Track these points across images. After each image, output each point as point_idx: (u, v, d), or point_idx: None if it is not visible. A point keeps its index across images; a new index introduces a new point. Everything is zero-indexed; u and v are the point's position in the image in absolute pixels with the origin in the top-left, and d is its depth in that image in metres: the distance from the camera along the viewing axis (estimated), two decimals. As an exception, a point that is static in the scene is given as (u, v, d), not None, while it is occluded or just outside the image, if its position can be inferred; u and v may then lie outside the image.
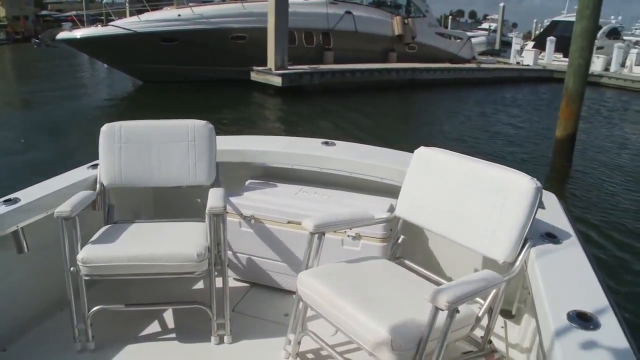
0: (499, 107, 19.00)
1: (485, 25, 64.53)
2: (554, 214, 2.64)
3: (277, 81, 18.08)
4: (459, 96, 21.36)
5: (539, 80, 26.64)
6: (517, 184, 2.22)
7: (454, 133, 14.11)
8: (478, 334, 2.30)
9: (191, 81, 18.80)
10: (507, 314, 2.97)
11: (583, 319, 1.75)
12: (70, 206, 2.49)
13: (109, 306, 2.70)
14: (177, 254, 2.54)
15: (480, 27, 67.80)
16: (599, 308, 1.83)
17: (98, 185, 3.01)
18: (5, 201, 2.65)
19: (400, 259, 2.76)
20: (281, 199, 3.15)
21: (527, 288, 2.34)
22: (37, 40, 39.85)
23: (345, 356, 2.40)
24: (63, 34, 19.47)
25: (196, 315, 2.74)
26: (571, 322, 1.73)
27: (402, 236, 2.77)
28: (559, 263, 2.17)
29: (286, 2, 18.37)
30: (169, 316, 2.94)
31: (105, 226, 2.89)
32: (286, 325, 2.59)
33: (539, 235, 2.34)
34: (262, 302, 3.12)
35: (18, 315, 2.72)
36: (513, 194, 2.22)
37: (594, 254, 2.34)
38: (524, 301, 2.83)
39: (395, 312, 2.08)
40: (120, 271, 2.54)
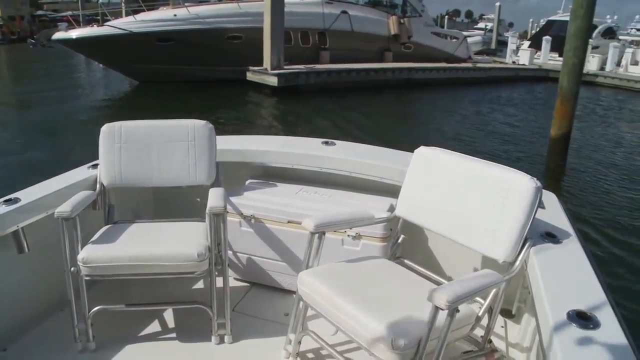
0: (494, 107, 19.06)
1: (482, 25, 64.63)
2: (554, 214, 2.65)
3: (273, 81, 18.08)
4: (455, 96, 21.41)
5: (535, 79, 26.74)
6: (518, 183, 2.22)
7: (450, 132, 14.15)
8: (478, 334, 2.30)
9: (187, 81, 18.77)
10: (507, 314, 2.97)
11: (583, 319, 1.75)
12: (70, 206, 2.48)
13: (109, 306, 2.70)
14: (177, 253, 2.54)
15: (476, 26, 67.96)
16: (598, 307, 1.83)
17: (98, 185, 3.00)
18: (6, 201, 2.65)
19: (401, 258, 2.76)
20: (281, 198, 3.15)
21: (527, 287, 2.35)
22: (32, 41, 39.77)
23: (345, 356, 2.41)
24: (59, 34, 19.42)
25: (197, 315, 2.74)
26: (571, 322, 1.74)
27: (402, 236, 2.77)
28: (559, 263, 2.17)
29: (282, 2, 18.38)
30: (169, 316, 2.94)
31: (106, 226, 2.89)
32: (286, 324, 2.59)
33: (539, 234, 2.35)
34: (263, 302, 3.12)
35: (18, 315, 2.72)
36: (513, 193, 2.22)
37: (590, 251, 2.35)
38: (524, 301, 2.83)
39: (395, 312, 2.08)
40: (120, 271, 2.54)
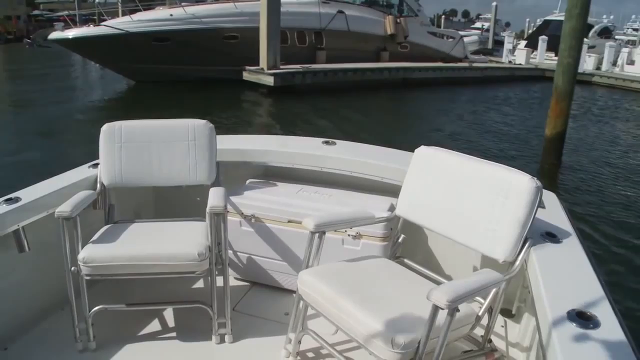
0: (490, 106, 19.07)
1: (478, 25, 64.65)
2: (554, 213, 2.66)
3: (269, 81, 18.05)
4: (451, 95, 21.39)
5: (531, 79, 26.77)
6: (518, 183, 2.23)
7: (446, 131, 14.15)
8: (478, 333, 2.31)
9: (184, 81, 18.73)
10: (507, 313, 2.98)
11: (583, 318, 1.76)
12: (70, 206, 2.49)
13: (110, 306, 2.70)
14: (177, 253, 2.54)
15: (473, 26, 68.00)
16: (598, 307, 1.84)
17: (98, 185, 3.01)
18: (6, 200, 2.65)
19: (401, 258, 2.77)
20: (282, 198, 3.15)
21: (527, 287, 2.35)
22: (29, 40, 39.65)
23: (345, 355, 2.42)
24: (55, 34, 19.32)
25: (197, 314, 2.75)
26: (571, 321, 1.74)
27: (402, 235, 2.78)
28: (559, 262, 2.18)
29: (278, 2, 18.34)
30: (169, 316, 2.94)
31: (106, 226, 2.89)
32: (287, 324, 2.60)
33: (539, 234, 2.36)
34: (263, 301, 3.13)
35: (19, 314, 2.72)
36: (513, 193, 2.23)
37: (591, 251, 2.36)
38: (524, 300, 2.84)
39: (395, 311, 2.09)
40: (121, 271, 2.55)
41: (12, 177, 8.18)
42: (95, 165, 3.12)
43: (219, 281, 2.67)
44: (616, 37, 36.02)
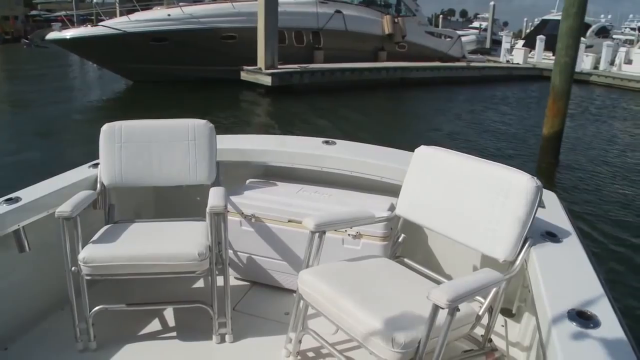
0: (488, 105, 19.08)
1: (476, 24, 64.54)
2: (554, 213, 2.66)
3: (267, 80, 18.03)
4: (449, 94, 21.41)
5: (529, 78, 26.78)
6: (518, 182, 2.23)
7: (444, 131, 14.15)
8: (478, 333, 2.31)
9: (181, 81, 18.71)
10: (508, 313, 2.99)
11: (583, 318, 1.76)
12: (70, 206, 2.49)
13: (110, 306, 2.70)
14: (178, 253, 2.55)
15: (471, 25, 67.91)
16: (599, 306, 1.84)
17: (99, 185, 3.01)
18: (7, 200, 2.65)
19: (401, 257, 2.77)
20: (282, 198, 3.15)
21: (527, 287, 2.36)
22: (26, 41, 39.55)
23: (345, 354, 2.42)
24: (53, 34, 19.27)
25: (197, 314, 2.75)
26: (571, 321, 1.74)
27: (402, 235, 2.78)
28: (559, 262, 2.18)
29: (276, 2, 18.33)
30: (170, 315, 2.94)
31: (106, 226, 2.89)
32: (287, 323, 2.60)
33: (539, 234, 2.36)
34: (263, 301, 3.13)
35: (19, 314, 2.72)
36: (514, 192, 2.23)
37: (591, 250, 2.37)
38: (524, 300, 2.84)
39: (395, 311, 2.09)
40: (121, 271, 2.55)
41: (12, 177, 8.16)
42: (96, 165, 3.12)
43: (219, 281, 2.68)
44: (614, 36, 36.07)
